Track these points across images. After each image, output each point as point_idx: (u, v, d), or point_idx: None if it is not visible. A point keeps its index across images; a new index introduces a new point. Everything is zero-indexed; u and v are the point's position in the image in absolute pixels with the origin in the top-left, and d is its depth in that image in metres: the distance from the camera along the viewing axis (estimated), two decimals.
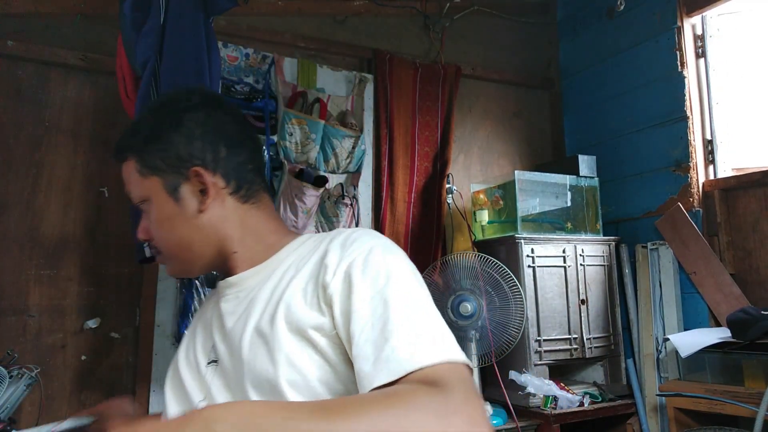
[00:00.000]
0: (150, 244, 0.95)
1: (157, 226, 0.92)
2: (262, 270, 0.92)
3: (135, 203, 0.95)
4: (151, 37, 1.51)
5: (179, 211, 0.92)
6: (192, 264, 0.94)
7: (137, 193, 0.94)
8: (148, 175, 0.92)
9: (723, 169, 2.27)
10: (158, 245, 0.94)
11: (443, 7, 2.68)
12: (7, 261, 1.87)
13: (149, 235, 0.94)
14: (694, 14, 2.34)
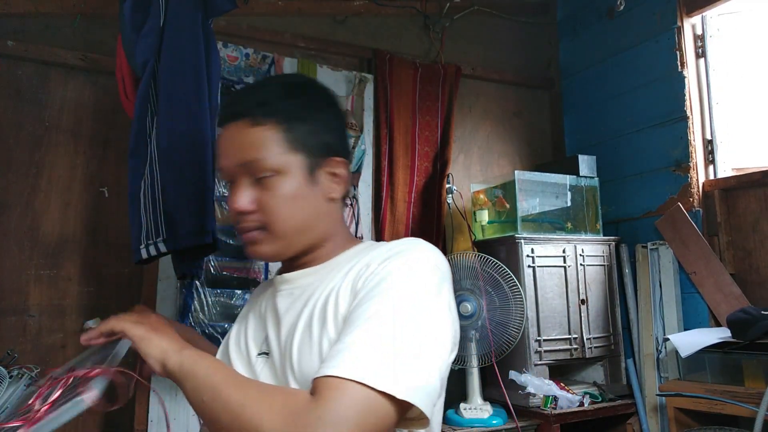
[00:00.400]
0: (244, 219, 0.89)
1: (282, 201, 0.89)
2: (319, 271, 0.93)
3: (257, 174, 0.89)
4: (151, 38, 1.51)
5: (311, 194, 0.92)
6: (294, 247, 0.92)
7: (272, 163, 0.88)
8: (292, 151, 0.90)
9: (723, 169, 2.27)
10: (269, 221, 0.89)
11: (443, 7, 2.68)
12: (7, 261, 1.87)
13: (256, 208, 0.89)
14: (694, 14, 2.34)
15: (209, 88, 1.51)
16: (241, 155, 0.88)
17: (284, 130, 0.90)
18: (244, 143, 0.89)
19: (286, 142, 0.89)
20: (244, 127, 0.89)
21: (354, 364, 0.70)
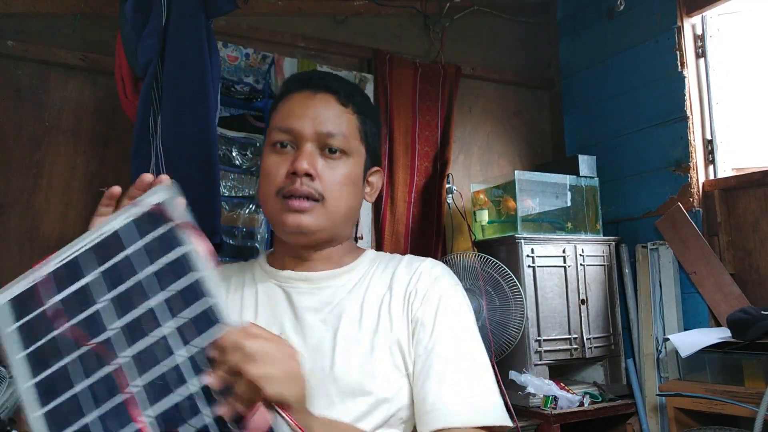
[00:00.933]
0: (302, 182, 0.89)
1: (344, 180, 0.93)
2: (340, 275, 0.96)
3: (331, 147, 0.92)
4: (153, 39, 1.51)
5: (360, 188, 0.98)
6: (332, 231, 0.94)
7: (349, 144, 0.93)
8: (362, 142, 0.97)
9: (723, 169, 2.27)
10: (327, 192, 0.90)
11: (443, 7, 2.68)
12: (7, 261, 1.87)
13: (314, 171, 0.90)
14: (694, 14, 2.34)
15: (212, 87, 1.52)
16: (323, 124, 0.91)
17: (360, 121, 0.96)
18: (330, 115, 0.92)
19: (360, 132, 0.96)
20: (332, 101, 0.94)
21: (476, 410, 0.83)
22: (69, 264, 0.70)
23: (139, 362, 0.62)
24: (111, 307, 0.65)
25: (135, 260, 0.66)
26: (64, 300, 0.67)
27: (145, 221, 0.68)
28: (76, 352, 0.64)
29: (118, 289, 0.65)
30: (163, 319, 0.63)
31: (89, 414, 0.61)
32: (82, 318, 0.65)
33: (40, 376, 0.63)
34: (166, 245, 0.66)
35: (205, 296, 0.63)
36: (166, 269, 0.65)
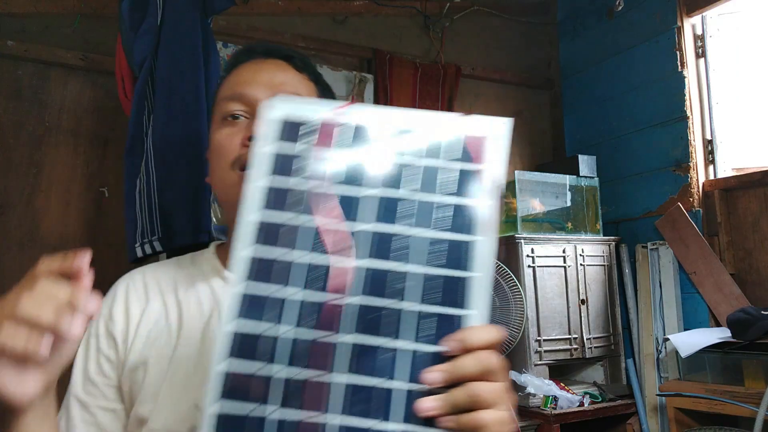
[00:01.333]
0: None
1: None
2: None
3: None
4: (148, 37, 1.51)
5: None
6: None
7: None
8: None
9: (723, 169, 2.27)
10: None
11: (443, 7, 2.68)
12: (7, 261, 1.87)
13: None
14: (694, 14, 2.34)
15: (207, 87, 1.52)
16: (279, 88, 0.81)
17: (320, 91, 0.88)
18: (286, 82, 0.83)
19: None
20: (285, 66, 0.85)
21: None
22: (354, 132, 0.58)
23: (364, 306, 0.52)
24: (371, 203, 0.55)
25: (429, 174, 0.56)
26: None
27: (459, 141, 0.57)
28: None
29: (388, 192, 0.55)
30: (417, 255, 0.53)
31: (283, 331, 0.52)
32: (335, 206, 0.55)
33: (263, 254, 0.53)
34: (458, 183, 0.56)
35: (467, 267, 0.53)
36: (446, 204, 0.55)
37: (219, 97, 0.85)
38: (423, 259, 0.53)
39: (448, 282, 0.52)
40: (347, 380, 0.50)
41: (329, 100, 0.61)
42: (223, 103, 0.82)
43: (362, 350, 0.51)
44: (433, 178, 0.55)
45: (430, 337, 0.51)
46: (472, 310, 0.51)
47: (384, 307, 0.52)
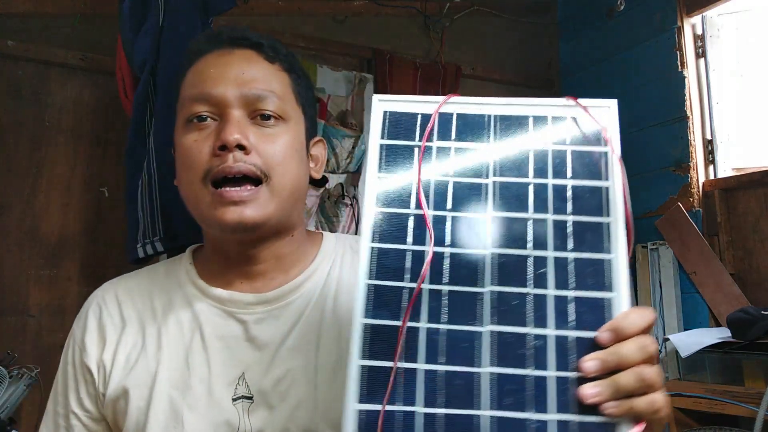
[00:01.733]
0: (236, 158, 0.70)
1: (285, 152, 0.73)
2: (302, 282, 0.76)
3: (261, 111, 0.72)
4: (149, 38, 1.51)
5: (305, 160, 0.78)
6: (279, 217, 0.73)
7: (284, 106, 0.74)
8: (299, 104, 0.78)
9: (723, 169, 2.27)
10: (269, 167, 0.71)
11: (443, 7, 2.68)
12: (7, 261, 1.87)
13: (247, 142, 0.70)
14: (694, 14, 2.34)
15: None
16: (249, 85, 0.72)
17: (293, 80, 0.78)
18: (256, 75, 0.74)
19: (294, 93, 0.78)
20: (254, 56, 0.75)
21: None
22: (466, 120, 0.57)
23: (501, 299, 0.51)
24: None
25: (557, 158, 0.55)
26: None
27: (579, 128, 0.57)
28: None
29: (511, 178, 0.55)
30: (554, 240, 0.53)
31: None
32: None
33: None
34: (587, 168, 0.55)
35: (606, 249, 0.52)
36: (574, 190, 0.54)
37: (183, 95, 0.76)
38: (560, 244, 0.53)
39: (590, 265, 0.52)
40: (494, 371, 0.49)
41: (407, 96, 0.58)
42: (187, 103, 0.73)
43: (505, 339, 0.50)
44: (561, 161, 0.55)
45: (578, 322, 0.50)
46: (616, 292, 0.52)
47: (525, 293, 0.51)
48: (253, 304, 0.74)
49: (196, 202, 0.72)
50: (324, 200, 2.21)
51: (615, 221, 0.53)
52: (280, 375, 0.70)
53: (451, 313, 0.51)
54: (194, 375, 0.71)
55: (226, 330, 0.73)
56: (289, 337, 0.72)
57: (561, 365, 0.49)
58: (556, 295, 0.51)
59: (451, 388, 0.49)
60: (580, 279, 0.52)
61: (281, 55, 0.77)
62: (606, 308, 0.51)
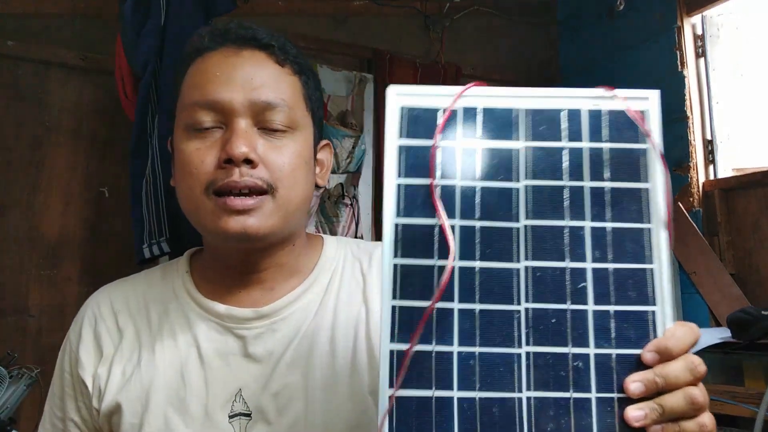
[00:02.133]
0: (243, 172, 0.66)
1: (293, 163, 0.69)
2: (301, 294, 0.74)
3: (270, 122, 0.69)
4: (151, 39, 1.51)
5: (312, 166, 0.74)
6: (284, 231, 0.71)
7: (294, 115, 0.70)
8: (309, 111, 0.74)
9: (723, 169, 2.27)
10: (276, 180, 0.68)
11: (443, 7, 2.68)
12: (7, 261, 1.87)
13: (255, 155, 0.66)
14: (694, 14, 2.34)
15: None
16: (258, 91, 0.68)
17: (304, 84, 0.73)
18: (266, 79, 0.69)
19: (305, 98, 0.73)
20: (264, 59, 0.70)
21: None
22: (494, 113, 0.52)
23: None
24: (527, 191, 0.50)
25: (593, 156, 0.50)
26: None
27: (616, 122, 0.51)
28: None
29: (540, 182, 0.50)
30: (592, 250, 0.49)
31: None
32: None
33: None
34: (626, 167, 0.50)
35: (647, 258, 0.48)
36: (612, 193, 0.50)
37: (184, 97, 0.71)
38: (600, 255, 0.49)
39: (630, 276, 0.48)
40: (533, 396, 0.46)
41: (428, 87, 0.54)
42: (189, 108, 0.69)
43: (545, 361, 0.47)
44: (599, 161, 0.50)
45: (619, 339, 0.47)
46: (659, 305, 0.48)
47: (564, 309, 0.48)
48: (252, 319, 0.71)
49: (197, 211, 0.69)
50: (324, 200, 2.21)
51: (657, 227, 0.49)
52: (277, 390, 0.69)
53: (485, 335, 0.47)
54: (190, 392, 0.69)
55: (224, 346, 0.71)
56: (287, 352, 0.70)
57: (603, 386, 0.46)
58: (596, 310, 0.48)
59: (487, 417, 0.46)
60: (621, 292, 0.48)
61: (291, 57, 0.72)
62: (649, 323, 0.48)
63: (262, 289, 0.74)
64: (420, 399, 0.46)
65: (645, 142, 0.50)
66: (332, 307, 0.73)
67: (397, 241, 0.48)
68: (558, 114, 0.51)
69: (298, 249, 0.76)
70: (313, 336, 0.71)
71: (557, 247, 0.49)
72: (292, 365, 0.69)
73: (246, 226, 0.66)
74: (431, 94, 0.53)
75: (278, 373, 0.69)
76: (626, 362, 0.47)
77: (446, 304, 0.47)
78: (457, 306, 0.47)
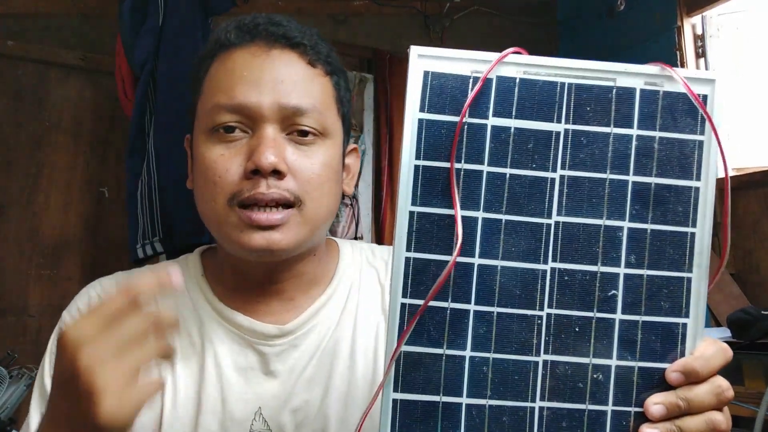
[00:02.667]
0: (270, 184, 0.62)
1: (322, 174, 0.65)
2: (322, 306, 0.70)
3: (298, 128, 0.64)
4: (149, 38, 1.51)
5: (340, 174, 0.70)
6: (310, 243, 0.67)
7: (326, 121, 0.66)
8: (339, 116, 0.69)
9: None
10: (304, 192, 0.63)
11: (443, 7, 2.68)
12: (7, 261, 1.87)
13: (285, 166, 0.62)
14: (694, 14, 2.34)
15: None
16: (289, 96, 0.63)
17: (335, 85, 0.68)
18: (296, 80, 0.64)
19: (336, 101, 0.68)
20: (295, 59, 0.65)
21: None
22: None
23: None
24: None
25: (641, 145, 0.44)
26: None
27: (672, 106, 0.45)
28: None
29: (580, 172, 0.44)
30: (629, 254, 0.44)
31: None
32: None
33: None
34: (677, 162, 0.45)
35: (683, 268, 0.46)
36: (657, 191, 0.45)
37: (207, 99, 0.66)
38: (635, 260, 0.45)
39: (666, 285, 0.45)
40: (545, 406, 0.44)
41: (456, 50, 0.46)
42: (213, 110, 0.64)
43: (563, 371, 0.44)
44: (647, 151, 0.44)
45: (643, 351, 0.44)
46: (692, 318, 0.45)
47: (590, 317, 0.44)
48: (274, 336, 0.67)
49: (219, 223, 0.64)
50: None
51: (702, 232, 0.46)
52: (297, 406, 0.66)
53: (501, 341, 0.44)
54: (206, 409, 0.65)
55: (243, 360, 0.67)
56: (307, 368, 0.67)
57: (621, 399, 0.44)
58: (623, 320, 0.44)
59: (496, 426, 0.43)
60: (654, 302, 0.44)
61: (323, 56, 0.67)
62: (678, 336, 0.45)
63: (280, 300, 0.70)
64: (425, 404, 0.43)
65: (703, 134, 0.45)
66: (352, 319, 0.70)
67: (412, 233, 0.43)
68: (608, 92, 0.45)
69: (319, 257, 0.72)
70: (334, 349, 0.68)
71: (590, 248, 0.44)
72: (312, 381, 0.67)
73: (271, 242, 0.62)
74: (462, 58, 0.45)
75: (298, 390, 0.66)
76: (649, 376, 0.44)
77: (462, 306, 0.44)
78: (473, 308, 0.44)
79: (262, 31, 0.66)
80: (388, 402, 0.43)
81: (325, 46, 0.68)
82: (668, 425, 0.43)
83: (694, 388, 0.44)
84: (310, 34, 0.67)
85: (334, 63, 0.69)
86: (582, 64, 0.46)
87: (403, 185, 0.44)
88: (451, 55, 0.45)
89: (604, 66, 0.45)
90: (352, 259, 0.75)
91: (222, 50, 0.67)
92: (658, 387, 0.44)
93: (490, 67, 0.45)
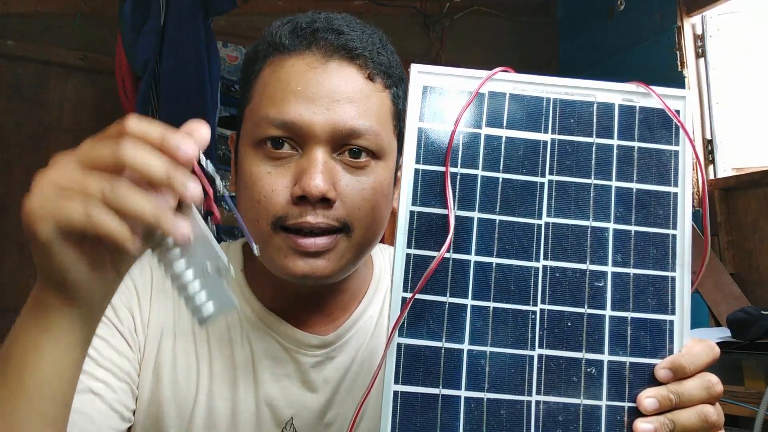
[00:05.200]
0: (317, 212, 0.58)
1: (373, 198, 0.61)
2: (364, 313, 0.70)
3: (352, 148, 0.60)
4: (151, 38, 1.52)
5: (390, 196, 0.66)
6: (354, 266, 0.66)
7: (382, 142, 0.61)
8: (394, 130, 0.65)
9: (723, 168, 2.27)
10: (353, 218, 0.60)
11: (443, 7, 2.68)
12: (7, 261, 1.87)
13: (334, 194, 0.59)
14: (694, 14, 2.34)
15: (209, 86, 1.52)
16: (345, 115, 0.58)
17: (394, 99, 0.64)
18: (353, 100, 0.59)
19: (393, 119, 0.64)
20: (354, 76, 0.60)
21: None
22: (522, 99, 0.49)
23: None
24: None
25: (622, 155, 0.48)
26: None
27: (648, 120, 0.49)
28: None
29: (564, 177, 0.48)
30: (614, 253, 0.48)
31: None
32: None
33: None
34: (656, 169, 0.48)
35: (667, 267, 0.47)
36: (639, 195, 0.48)
37: (256, 108, 0.61)
38: (622, 259, 0.47)
39: (652, 283, 0.47)
40: (541, 400, 0.46)
41: (454, 68, 0.49)
42: (262, 123, 0.59)
43: (557, 365, 0.46)
44: (628, 159, 0.48)
45: (634, 347, 0.46)
46: (677, 315, 0.47)
47: (581, 313, 0.47)
48: (315, 347, 0.66)
49: (262, 243, 0.60)
50: None
51: (682, 234, 0.48)
52: (331, 419, 0.65)
53: (497, 334, 0.46)
54: (240, 415, 0.64)
55: (281, 368, 0.65)
56: (344, 381, 0.66)
57: (615, 394, 0.46)
58: (613, 316, 0.47)
59: (494, 418, 0.45)
60: (641, 299, 0.47)
61: (384, 68, 0.62)
62: (666, 333, 0.47)
63: (321, 313, 0.68)
64: (425, 396, 0.45)
65: (677, 144, 0.49)
66: (386, 328, 0.70)
67: (412, 231, 0.47)
68: (589, 107, 0.49)
69: (359, 271, 0.70)
70: (370, 360, 0.67)
71: (578, 247, 0.47)
72: (347, 395, 0.66)
73: (315, 269, 0.59)
74: (456, 75, 0.49)
75: (334, 403, 0.66)
76: (640, 371, 0.46)
77: (460, 300, 0.46)
78: (471, 302, 0.46)
79: (320, 39, 0.61)
80: (389, 394, 0.45)
81: (385, 53, 0.64)
82: (661, 418, 0.45)
83: (684, 382, 0.46)
84: (371, 42, 0.62)
85: (395, 74, 0.64)
86: (564, 81, 0.50)
87: (404, 188, 0.48)
88: (447, 72, 0.50)
89: (584, 84, 0.50)
90: (385, 266, 0.75)
91: (275, 52, 0.64)
92: (650, 383, 0.46)
93: (480, 83, 0.49)
